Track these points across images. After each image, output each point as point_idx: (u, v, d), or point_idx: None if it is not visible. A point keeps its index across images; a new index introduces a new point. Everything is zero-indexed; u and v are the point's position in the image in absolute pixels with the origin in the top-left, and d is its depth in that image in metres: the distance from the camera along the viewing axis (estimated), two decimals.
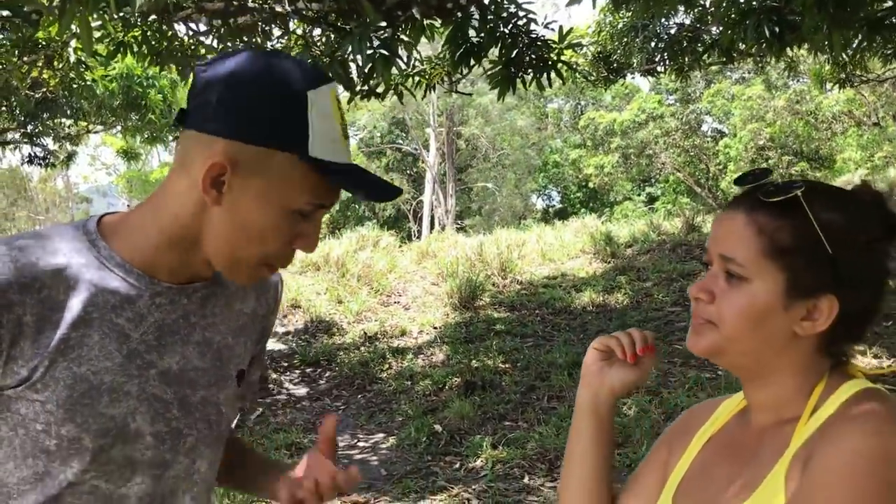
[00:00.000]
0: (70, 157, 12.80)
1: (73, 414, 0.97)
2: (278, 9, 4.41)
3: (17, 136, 11.96)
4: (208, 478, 1.13)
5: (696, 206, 20.71)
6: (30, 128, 11.30)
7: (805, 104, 22.29)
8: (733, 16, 5.13)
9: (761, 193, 0.95)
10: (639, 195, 30.06)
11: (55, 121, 10.81)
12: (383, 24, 4.09)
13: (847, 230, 0.92)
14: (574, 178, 31.92)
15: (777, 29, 4.72)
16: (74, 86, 6.13)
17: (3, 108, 9.66)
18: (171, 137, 11.90)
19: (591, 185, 29.30)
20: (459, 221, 28.35)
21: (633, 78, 11.95)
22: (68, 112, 9.85)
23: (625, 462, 4.18)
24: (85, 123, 11.68)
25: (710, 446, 1.07)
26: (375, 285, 9.45)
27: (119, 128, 12.13)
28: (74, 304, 0.97)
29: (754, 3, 4.87)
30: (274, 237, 1.00)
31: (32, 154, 12.20)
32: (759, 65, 9.99)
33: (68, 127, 11.95)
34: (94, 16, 3.36)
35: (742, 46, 6.54)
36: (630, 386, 1.11)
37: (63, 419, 0.97)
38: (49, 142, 12.28)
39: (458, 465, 4.63)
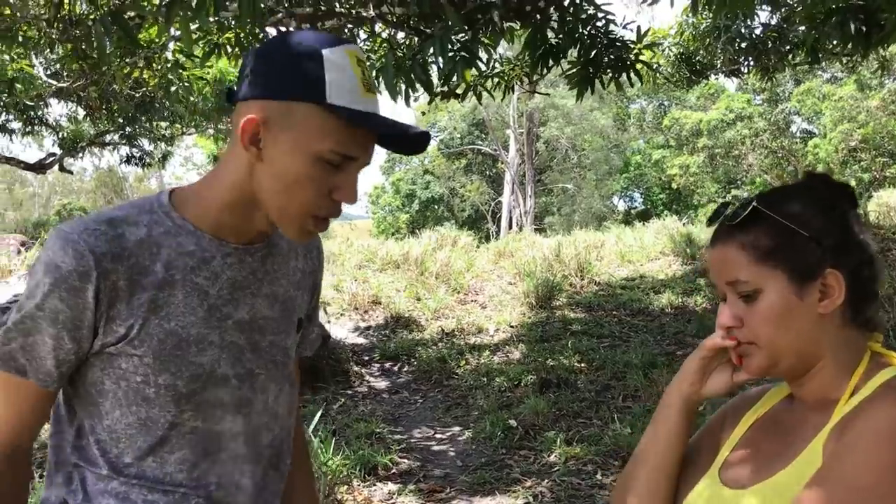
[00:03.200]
0: (165, 157, 13.38)
1: (167, 364, 1.13)
2: (364, 13, 4.59)
3: (115, 137, 12.61)
4: (275, 410, 1.27)
5: None
6: (128, 129, 11.92)
7: None
8: (819, 15, 5.04)
9: (727, 221, 1.07)
10: (724, 198, 29.34)
11: (152, 123, 11.34)
12: (464, 27, 4.21)
13: (810, 211, 1.03)
14: (657, 179, 31.39)
15: (863, 28, 4.64)
16: (172, 88, 6.47)
17: (104, 111, 10.21)
18: None
19: (674, 185, 28.76)
20: (538, 222, 28.25)
21: (716, 79, 11.76)
22: (164, 114, 10.31)
23: None
24: (180, 126, 12.21)
25: (756, 426, 1.15)
26: (453, 283, 9.60)
27: (211, 130, 12.59)
28: (159, 269, 1.12)
29: (841, 3, 4.78)
30: (309, 186, 1.10)
31: (130, 154, 12.85)
32: (848, 65, 9.70)
33: (164, 129, 12.52)
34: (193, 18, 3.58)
35: (829, 46, 6.41)
36: (717, 394, 1.16)
37: (159, 370, 1.13)
38: (145, 143, 12.91)
39: (532, 459, 4.71)
